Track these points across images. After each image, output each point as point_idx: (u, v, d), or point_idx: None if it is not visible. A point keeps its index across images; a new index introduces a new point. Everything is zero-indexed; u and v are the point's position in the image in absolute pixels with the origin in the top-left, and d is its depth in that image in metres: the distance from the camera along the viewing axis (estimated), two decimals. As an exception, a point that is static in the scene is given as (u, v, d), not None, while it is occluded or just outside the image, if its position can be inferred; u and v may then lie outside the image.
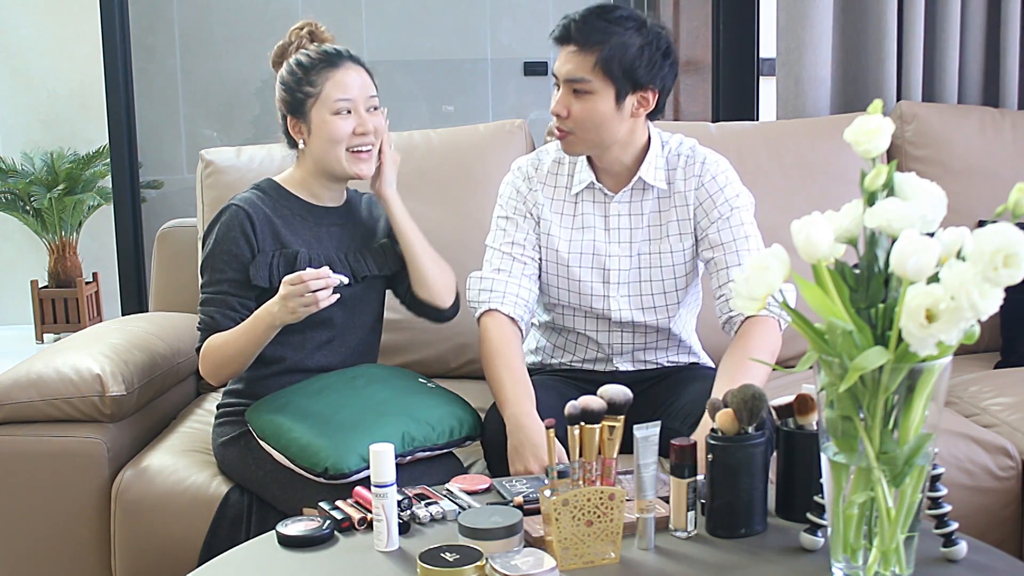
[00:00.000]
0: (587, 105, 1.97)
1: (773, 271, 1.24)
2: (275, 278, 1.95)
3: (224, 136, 4.61)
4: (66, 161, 5.46)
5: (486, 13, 4.65)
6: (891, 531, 1.26)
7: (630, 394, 1.51)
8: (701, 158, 2.09)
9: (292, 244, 2.01)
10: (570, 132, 2.01)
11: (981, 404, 2.28)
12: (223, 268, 1.98)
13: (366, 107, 2.02)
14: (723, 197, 2.05)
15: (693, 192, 2.07)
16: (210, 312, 1.97)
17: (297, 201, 2.07)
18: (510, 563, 1.32)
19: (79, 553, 2.08)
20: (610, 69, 1.95)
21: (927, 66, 2.96)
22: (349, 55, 2.05)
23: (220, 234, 2.00)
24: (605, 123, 1.99)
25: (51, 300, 5.42)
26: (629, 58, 1.95)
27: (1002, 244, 1.14)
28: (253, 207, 2.01)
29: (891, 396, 1.23)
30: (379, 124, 2.05)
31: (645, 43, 1.96)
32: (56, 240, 5.42)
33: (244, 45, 4.52)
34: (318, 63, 2.02)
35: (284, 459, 1.86)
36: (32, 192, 5.30)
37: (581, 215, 2.11)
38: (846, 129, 1.28)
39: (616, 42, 1.94)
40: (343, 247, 2.07)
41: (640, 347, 2.14)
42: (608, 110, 1.97)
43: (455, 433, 1.94)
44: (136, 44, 3.72)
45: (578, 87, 1.97)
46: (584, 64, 1.95)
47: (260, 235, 1.99)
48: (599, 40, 1.94)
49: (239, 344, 1.92)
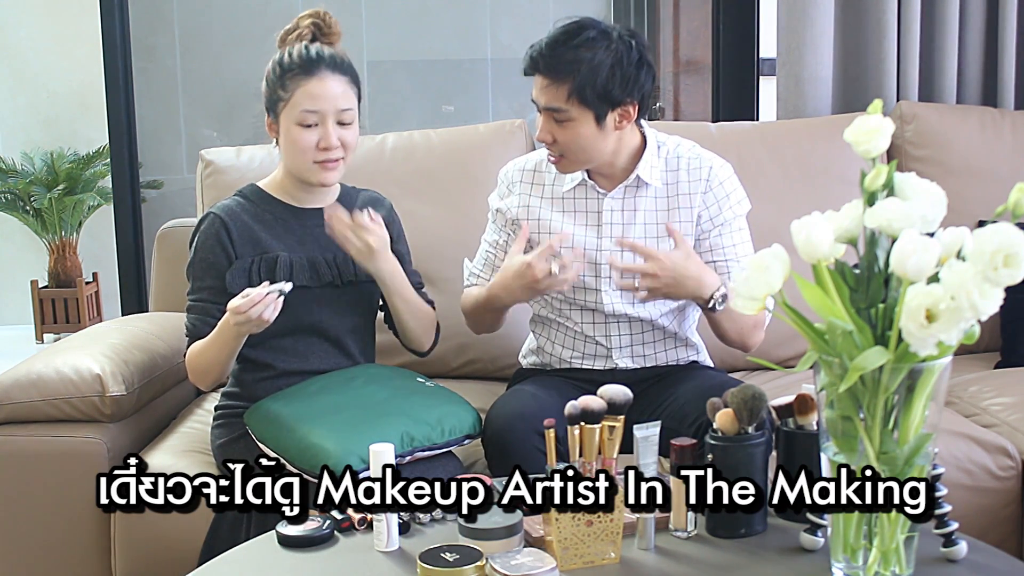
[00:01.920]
0: (569, 131, 1.98)
1: (773, 271, 1.24)
2: (255, 283, 1.93)
3: (224, 136, 4.61)
4: (66, 161, 5.46)
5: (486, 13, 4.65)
6: (891, 531, 1.26)
7: (630, 394, 1.51)
8: (708, 163, 2.10)
9: (273, 249, 2.01)
10: (561, 156, 2.03)
11: (981, 404, 2.28)
12: (202, 276, 2.00)
13: (336, 119, 1.97)
14: (729, 203, 2.09)
15: (700, 196, 2.09)
16: (192, 320, 1.99)
17: (280, 205, 2.06)
18: (510, 563, 1.32)
19: (79, 553, 2.08)
20: (584, 96, 1.94)
21: (926, 66, 2.97)
22: (331, 62, 1.99)
23: (199, 243, 2.01)
24: (590, 144, 2.00)
25: (51, 300, 5.42)
26: (602, 81, 1.94)
27: (1002, 244, 1.14)
28: (231, 214, 2.01)
29: (891, 396, 1.23)
30: (348, 137, 1.99)
31: (615, 61, 1.94)
32: (56, 240, 5.42)
33: (244, 45, 4.52)
34: (295, 67, 1.97)
35: (284, 461, 1.86)
36: (32, 192, 5.31)
37: (573, 212, 2.13)
38: (846, 129, 1.28)
39: (585, 69, 1.93)
40: (330, 248, 2.04)
41: (639, 342, 2.15)
42: (590, 133, 1.98)
43: (455, 432, 1.94)
44: (136, 44, 3.72)
45: (557, 116, 1.97)
46: (558, 95, 1.95)
47: (237, 242, 1.99)
48: (568, 71, 1.93)
49: (212, 352, 1.93)
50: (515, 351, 2.57)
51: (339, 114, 1.98)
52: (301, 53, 1.99)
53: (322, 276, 2.02)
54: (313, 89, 1.96)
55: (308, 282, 2.01)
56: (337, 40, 2.07)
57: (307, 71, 1.97)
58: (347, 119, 1.99)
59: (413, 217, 2.49)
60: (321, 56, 1.99)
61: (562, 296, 2.13)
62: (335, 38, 2.07)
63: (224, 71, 4.56)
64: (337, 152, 1.98)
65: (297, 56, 1.99)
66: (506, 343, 2.56)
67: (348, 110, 1.99)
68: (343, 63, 2.01)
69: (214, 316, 1.95)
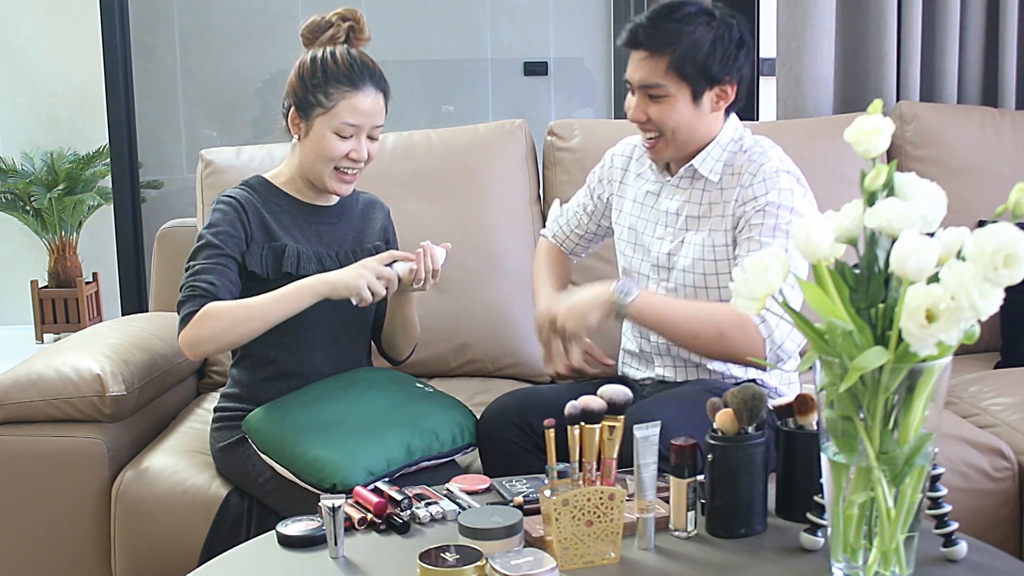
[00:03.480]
0: (665, 108, 1.93)
1: (773, 271, 1.24)
2: (266, 268, 1.97)
3: (224, 136, 4.61)
4: (66, 161, 5.45)
5: (486, 13, 4.65)
6: (891, 531, 1.26)
7: (630, 394, 1.51)
8: (762, 161, 1.96)
9: (280, 238, 2.01)
10: (657, 136, 1.97)
11: (981, 404, 2.28)
12: (223, 244, 1.95)
13: (369, 134, 2.00)
14: (759, 205, 1.91)
15: (736, 190, 1.96)
16: (208, 280, 1.91)
17: (286, 197, 2.06)
18: (510, 563, 1.32)
19: (79, 553, 2.08)
20: (683, 70, 1.90)
21: (927, 66, 2.97)
22: (375, 78, 1.99)
23: (217, 218, 1.98)
24: (686, 123, 1.95)
25: (51, 300, 5.42)
26: (702, 56, 1.89)
27: (1002, 244, 1.14)
28: (245, 200, 2.01)
29: (891, 396, 1.23)
30: (373, 151, 2.02)
31: (717, 37, 1.90)
32: (56, 240, 5.42)
33: (244, 45, 4.52)
34: (342, 77, 1.96)
35: (289, 474, 1.85)
36: (32, 192, 5.30)
37: (645, 191, 2.10)
38: (846, 129, 1.28)
39: (687, 42, 1.89)
40: (333, 246, 2.06)
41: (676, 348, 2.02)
42: (687, 110, 1.93)
43: (457, 441, 1.95)
44: (136, 44, 3.72)
45: (653, 92, 1.93)
46: (656, 69, 1.91)
47: (252, 225, 1.99)
48: (669, 42, 1.89)
49: (264, 306, 1.88)
50: (514, 351, 2.58)
51: (373, 130, 2.00)
52: (347, 61, 1.97)
53: (327, 269, 2.01)
54: (359, 104, 1.96)
55: (312, 271, 1.99)
56: (367, 43, 2.05)
57: (354, 84, 1.96)
58: (377, 135, 2.02)
59: (413, 217, 2.50)
60: (366, 69, 1.98)
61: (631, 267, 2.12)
62: (365, 42, 2.05)
63: (224, 71, 4.56)
64: (361, 164, 2.01)
65: (344, 64, 1.97)
66: (506, 343, 2.57)
67: (380, 127, 2.02)
68: (383, 79, 2.02)
69: (233, 283, 1.94)
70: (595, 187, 2.23)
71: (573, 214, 2.27)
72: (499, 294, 2.57)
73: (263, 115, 4.56)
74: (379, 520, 1.56)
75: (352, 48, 2.01)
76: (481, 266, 2.58)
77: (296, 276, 1.95)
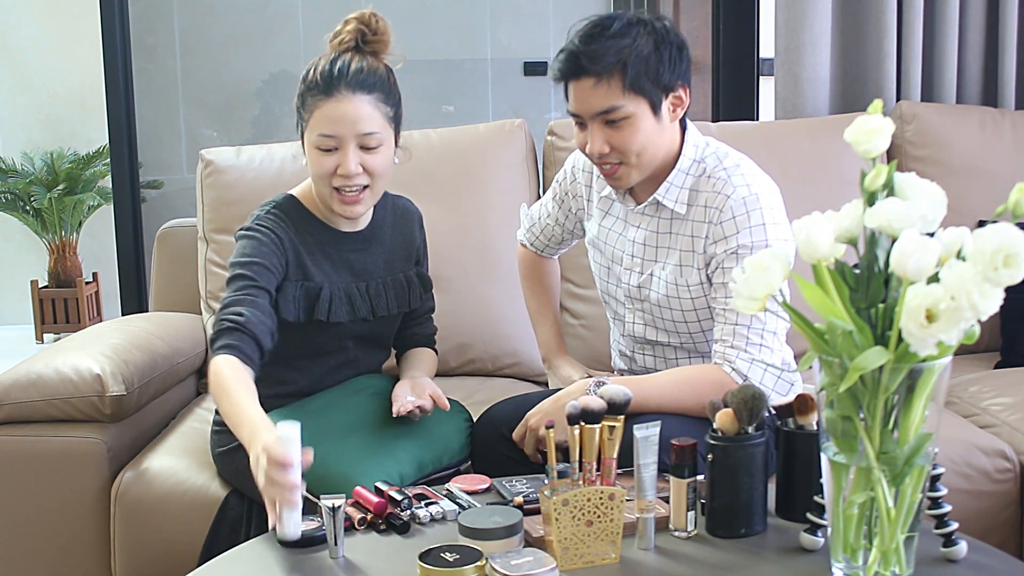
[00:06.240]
0: (627, 131, 1.80)
1: (773, 271, 1.24)
2: (298, 311, 1.87)
3: (224, 136, 4.61)
4: (66, 161, 5.46)
5: (486, 13, 4.65)
6: (891, 531, 1.26)
7: (630, 394, 1.51)
8: (728, 192, 1.83)
9: (314, 277, 1.89)
10: (619, 164, 1.84)
11: (981, 404, 2.28)
12: (255, 278, 1.80)
13: (358, 144, 1.80)
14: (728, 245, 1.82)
15: (705, 226, 1.85)
16: (238, 311, 1.74)
17: (318, 224, 1.93)
18: (510, 563, 1.32)
19: (79, 553, 2.08)
20: (640, 85, 1.77)
21: (926, 66, 2.97)
22: (354, 80, 1.80)
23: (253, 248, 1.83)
24: (651, 140, 1.82)
25: (51, 300, 5.42)
26: (653, 65, 1.78)
27: (1002, 244, 1.14)
28: (283, 232, 1.87)
29: (891, 396, 1.23)
30: (373, 163, 1.82)
31: (658, 42, 1.79)
32: (56, 240, 5.42)
33: (244, 45, 4.52)
34: (314, 86, 1.81)
35: None
36: (32, 192, 5.31)
37: (614, 218, 2.02)
38: (846, 129, 1.28)
39: (634, 55, 1.76)
40: (363, 277, 1.95)
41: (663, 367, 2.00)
42: (650, 127, 1.81)
43: (464, 450, 1.95)
44: (136, 44, 3.72)
45: (611, 117, 1.79)
46: (611, 92, 1.77)
47: (291, 266, 1.87)
48: (616, 60, 1.76)
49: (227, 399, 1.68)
50: (514, 350, 2.58)
51: (360, 138, 1.80)
52: (323, 70, 1.81)
53: (357, 310, 1.94)
54: (330, 111, 1.78)
55: (343, 317, 1.93)
56: (384, 48, 1.88)
57: (326, 91, 1.79)
58: (371, 143, 1.81)
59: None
60: (343, 73, 1.80)
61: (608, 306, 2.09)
62: (382, 46, 1.88)
63: (224, 71, 4.56)
64: (359, 180, 1.82)
65: (319, 73, 1.81)
66: (506, 343, 2.57)
67: (372, 134, 1.81)
68: (369, 80, 1.82)
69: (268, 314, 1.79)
70: (562, 198, 2.16)
71: (545, 225, 2.22)
72: (499, 294, 2.57)
73: (263, 115, 4.56)
74: (379, 520, 1.56)
75: (361, 55, 1.85)
76: (481, 266, 2.58)
77: (325, 323, 1.89)
